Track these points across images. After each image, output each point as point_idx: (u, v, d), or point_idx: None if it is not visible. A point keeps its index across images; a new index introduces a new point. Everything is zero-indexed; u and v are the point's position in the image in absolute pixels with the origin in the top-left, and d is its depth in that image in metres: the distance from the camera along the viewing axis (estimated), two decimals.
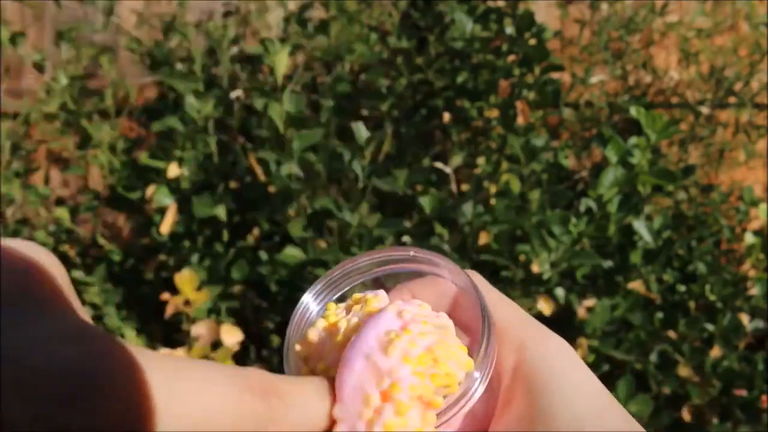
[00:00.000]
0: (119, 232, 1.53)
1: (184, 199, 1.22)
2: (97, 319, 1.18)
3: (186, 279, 1.10)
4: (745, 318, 1.10)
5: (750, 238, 1.13)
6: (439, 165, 1.20)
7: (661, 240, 1.07)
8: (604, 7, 1.51)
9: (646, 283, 1.12)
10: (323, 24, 1.28)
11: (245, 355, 1.21)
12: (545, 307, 1.03)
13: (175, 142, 1.24)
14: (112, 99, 1.32)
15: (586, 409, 0.27)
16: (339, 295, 0.32)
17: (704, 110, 1.45)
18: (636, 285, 1.11)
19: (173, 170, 1.21)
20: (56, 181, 1.59)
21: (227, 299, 1.18)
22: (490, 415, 0.30)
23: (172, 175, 1.21)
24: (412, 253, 0.32)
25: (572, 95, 1.47)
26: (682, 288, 1.15)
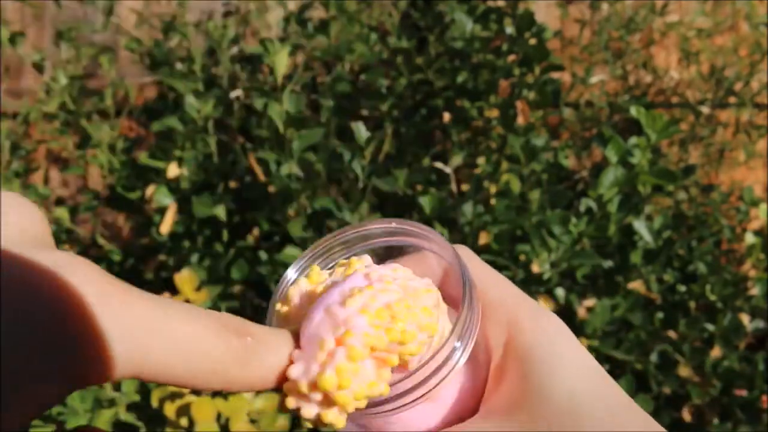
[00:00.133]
0: (119, 232, 1.53)
1: (184, 199, 1.22)
2: None
3: (186, 279, 1.10)
4: (745, 318, 1.10)
5: (750, 238, 1.13)
6: (439, 165, 1.20)
7: (662, 240, 1.07)
8: (605, 6, 1.51)
9: (646, 283, 1.12)
10: (323, 24, 1.28)
11: None
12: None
13: (175, 142, 1.24)
14: (111, 99, 1.32)
15: (583, 386, 0.26)
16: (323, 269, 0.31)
17: (704, 110, 1.45)
18: (636, 285, 1.11)
19: (173, 170, 1.21)
20: (56, 180, 1.59)
21: (227, 299, 1.18)
22: (480, 392, 0.29)
23: (171, 175, 1.21)
24: (397, 225, 0.31)
25: (572, 95, 1.47)
26: (682, 288, 1.15)
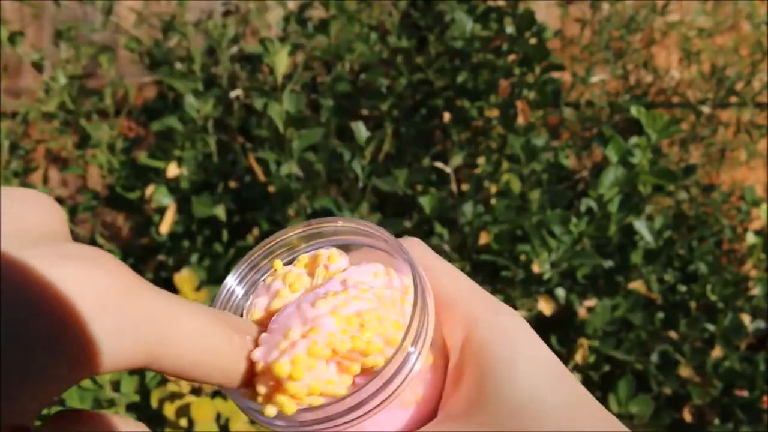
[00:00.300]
0: (118, 232, 1.53)
1: (184, 198, 1.22)
2: None
3: (185, 279, 1.09)
4: (746, 318, 1.10)
5: (751, 238, 1.13)
6: (439, 165, 1.20)
7: (662, 240, 1.07)
8: (605, 6, 1.51)
9: (646, 283, 1.11)
10: (323, 23, 1.28)
11: None
12: (546, 307, 1.03)
13: (175, 141, 1.24)
14: (111, 98, 1.32)
15: (541, 384, 0.26)
16: (266, 275, 0.30)
17: (705, 110, 1.45)
18: (637, 285, 1.11)
19: (172, 170, 1.21)
20: (55, 180, 1.59)
21: None
22: (440, 395, 0.29)
23: (171, 175, 1.21)
24: (341, 224, 0.30)
25: (573, 95, 1.47)
26: (683, 288, 1.15)
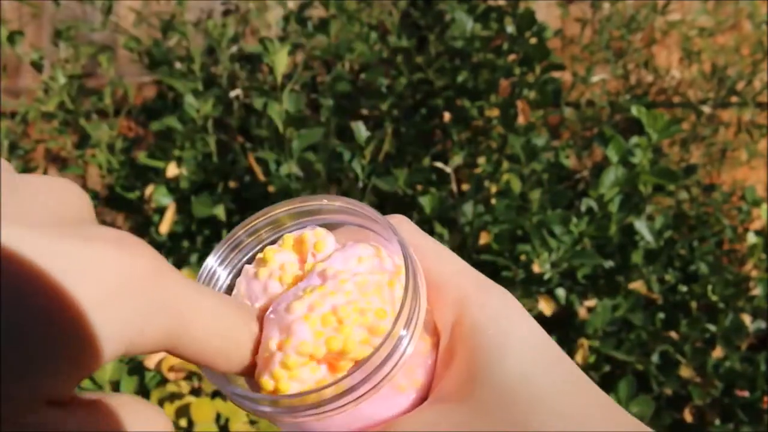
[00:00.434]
0: None
1: (183, 198, 1.21)
2: None
3: None
4: (747, 318, 1.10)
5: (752, 238, 1.12)
6: (439, 165, 1.20)
7: (663, 240, 1.07)
8: (606, 5, 1.51)
9: (647, 284, 1.11)
10: (323, 23, 1.28)
11: None
12: (546, 307, 1.02)
13: (174, 141, 1.23)
14: (110, 98, 1.32)
15: (534, 366, 0.25)
16: (249, 256, 0.29)
17: (706, 109, 1.44)
18: (637, 285, 1.10)
19: (172, 170, 1.21)
20: None
21: None
22: (432, 377, 0.28)
23: (171, 175, 1.21)
24: (325, 202, 0.29)
25: (573, 94, 1.47)
26: (683, 288, 1.15)
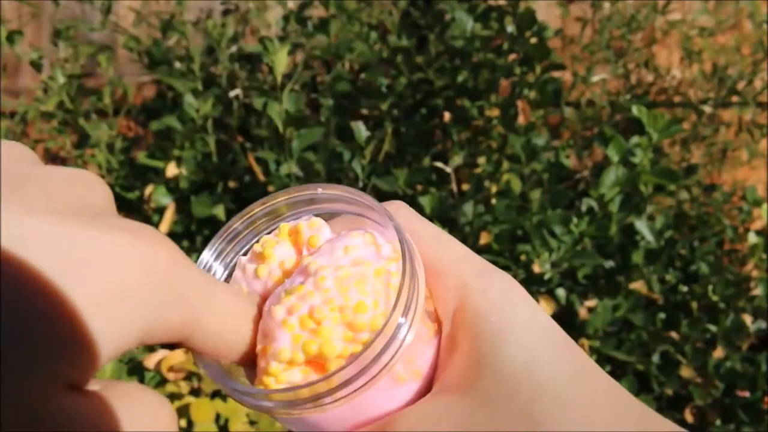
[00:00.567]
0: None
1: (183, 198, 1.21)
2: None
3: None
4: (747, 319, 1.10)
5: (753, 238, 1.12)
6: (439, 165, 1.19)
7: (663, 240, 1.07)
8: (606, 5, 1.51)
9: (647, 284, 1.11)
10: (323, 22, 1.27)
11: None
12: (546, 307, 1.02)
13: (174, 141, 1.23)
14: (110, 98, 1.32)
15: (539, 353, 0.25)
16: (245, 248, 0.29)
17: (707, 109, 1.44)
18: (638, 285, 1.10)
19: (172, 170, 1.20)
20: None
21: None
22: (434, 366, 0.27)
23: (170, 175, 1.20)
24: (320, 191, 0.28)
25: (573, 94, 1.47)
26: (684, 288, 1.15)
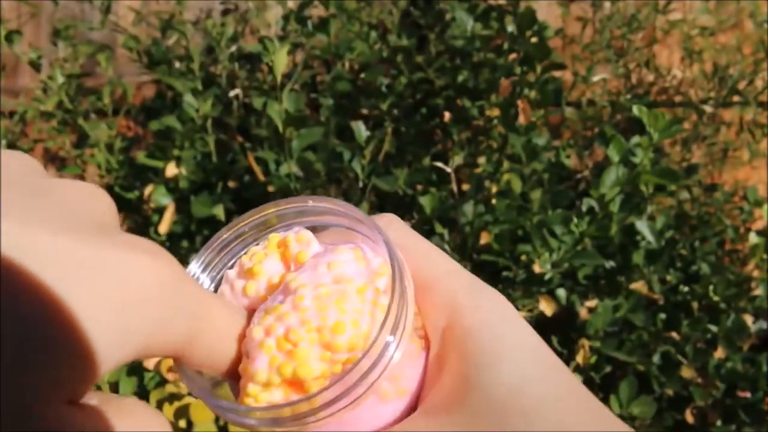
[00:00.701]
0: None
1: (183, 198, 1.21)
2: None
3: None
4: (748, 319, 1.09)
5: (754, 238, 1.12)
6: (439, 164, 1.19)
7: (664, 240, 1.06)
8: (607, 5, 1.50)
9: (648, 284, 1.11)
10: (323, 22, 1.27)
11: None
12: (547, 307, 1.02)
13: (173, 141, 1.23)
14: (109, 97, 1.31)
15: (528, 371, 0.25)
16: (233, 261, 0.29)
17: (707, 109, 1.44)
18: (638, 285, 1.10)
19: (171, 170, 1.20)
20: None
21: None
22: (421, 385, 0.27)
23: (170, 175, 1.20)
24: (310, 203, 0.28)
25: (574, 94, 1.46)
26: (685, 288, 1.14)
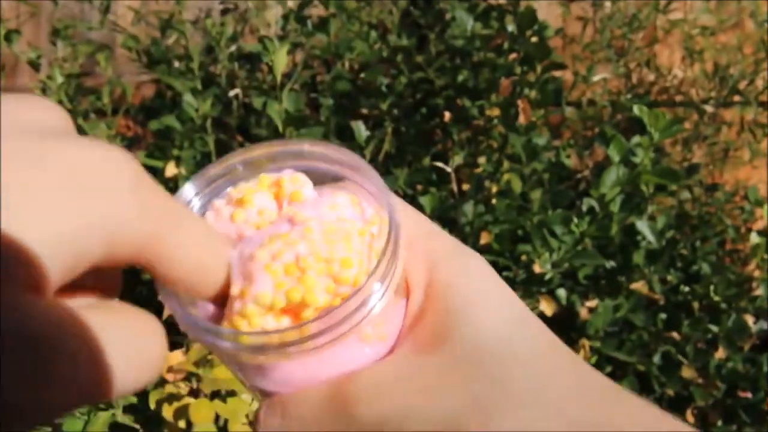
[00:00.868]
0: None
1: None
2: None
3: None
4: (749, 319, 1.09)
5: (755, 238, 1.12)
6: (439, 164, 1.19)
7: (665, 240, 1.06)
8: (607, 4, 1.50)
9: (649, 284, 1.11)
10: (323, 21, 1.27)
11: None
12: (547, 307, 1.02)
13: (173, 141, 1.23)
14: (108, 97, 1.31)
15: (509, 323, 0.26)
16: (226, 191, 0.29)
17: (708, 109, 1.44)
18: (639, 285, 1.10)
19: (171, 169, 1.20)
20: None
21: None
22: (398, 335, 0.28)
23: (169, 175, 1.20)
24: (307, 147, 0.28)
25: (574, 94, 1.46)
26: (685, 288, 1.14)
